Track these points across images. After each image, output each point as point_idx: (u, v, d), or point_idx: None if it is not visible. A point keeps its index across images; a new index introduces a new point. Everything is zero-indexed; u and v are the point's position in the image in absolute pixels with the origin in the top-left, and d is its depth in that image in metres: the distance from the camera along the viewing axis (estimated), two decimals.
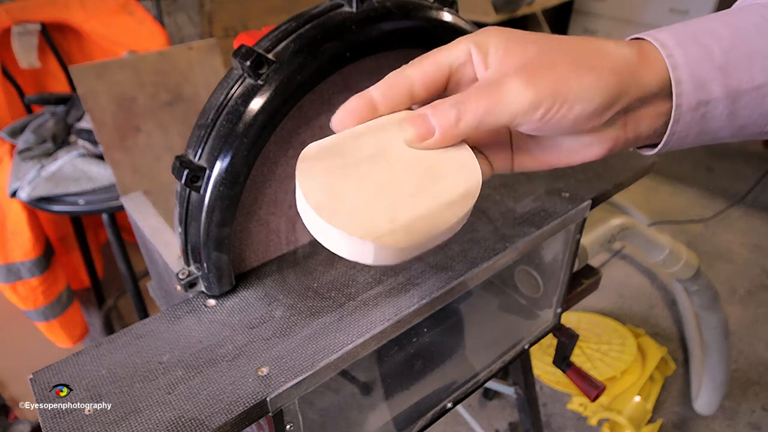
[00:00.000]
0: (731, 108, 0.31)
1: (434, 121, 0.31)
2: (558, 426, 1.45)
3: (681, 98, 0.30)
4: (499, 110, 0.29)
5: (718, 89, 0.30)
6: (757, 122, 0.31)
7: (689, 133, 0.32)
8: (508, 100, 0.29)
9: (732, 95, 0.30)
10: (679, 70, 0.30)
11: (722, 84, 0.30)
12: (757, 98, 0.30)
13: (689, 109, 0.30)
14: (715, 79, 0.30)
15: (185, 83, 0.80)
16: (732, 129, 0.32)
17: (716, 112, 0.31)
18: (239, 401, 0.39)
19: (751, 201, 2.24)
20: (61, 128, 1.12)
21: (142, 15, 1.30)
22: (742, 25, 0.31)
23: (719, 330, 1.28)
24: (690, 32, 0.31)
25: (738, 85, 0.30)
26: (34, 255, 1.14)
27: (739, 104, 0.31)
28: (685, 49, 0.30)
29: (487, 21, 2.16)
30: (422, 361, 0.66)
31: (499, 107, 0.29)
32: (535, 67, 0.29)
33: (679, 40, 0.30)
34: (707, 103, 0.30)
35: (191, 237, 0.46)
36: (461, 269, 0.51)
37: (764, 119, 0.31)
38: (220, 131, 0.43)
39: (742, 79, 0.30)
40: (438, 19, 0.48)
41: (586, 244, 0.77)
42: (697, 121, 0.31)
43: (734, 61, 0.30)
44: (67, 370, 0.41)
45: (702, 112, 0.31)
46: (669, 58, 0.30)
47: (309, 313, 0.47)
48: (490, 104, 0.29)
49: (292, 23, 0.44)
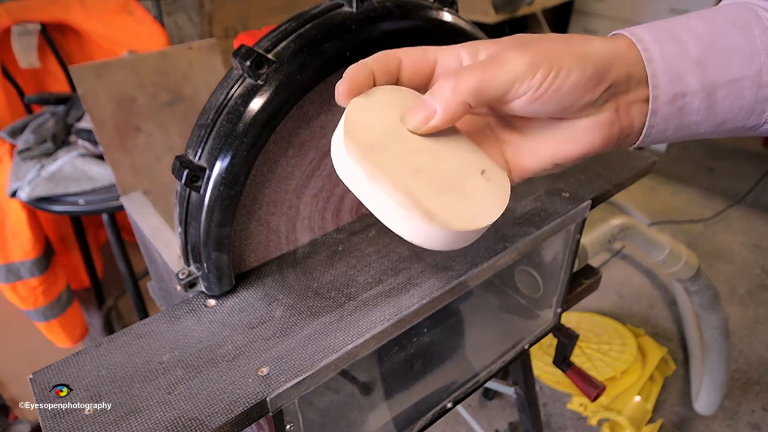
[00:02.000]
0: (709, 101, 0.31)
1: (432, 101, 0.31)
2: (558, 426, 1.45)
3: (657, 90, 0.31)
4: (498, 74, 0.30)
5: (695, 82, 0.31)
6: (736, 117, 0.32)
7: (668, 126, 0.32)
8: (507, 66, 0.29)
9: (709, 88, 0.31)
10: (654, 63, 0.31)
11: (698, 77, 0.31)
12: (735, 92, 0.31)
13: (666, 102, 0.31)
14: (692, 73, 0.31)
15: (185, 83, 0.80)
16: (711, 123, 0.32)
17: (694, 105, 0.31)
18: (239, 401, 0.39)
19: (751, 201, 2.24)
20: (61, 128, 1.12)
21: (141, 15, 1.30)
22: (720, 21, 0.32)
23: (719, 330, 1.28)
24: (667, 28, 0.32)
25: (714, 78, 0.31)
26: (34, 255, 1.14)
27: (717, 98, 0.31)
28: (661, 44, 0.31)
29: (487, 21, 2.16)
30: (422, 361, 0.66)
31: (498, 71, 0.30)
32: (529, 43, 0.31)
33: (656, 36, 0.31)
34: (684, 96, 0.31)
35: (191, 237, 0.46)
36: (461, 269, 0.51)
37: (743, 114, 0.32)
38: (220, 131, 0.43)
39: (718, 73, 0.31)
40: (438, 19, 0.48)
41: (586, 244, 0.77)
42: (675, 113, 0.32)
43: (711, 56, 0.31)
44: (67, 370, 0.41)
45: (680, 105, 0.31)
46: (645, 51, 0.31)
47: (309, 313, 0.47)
48: (488, 70, 0.30)
49: (292, 23, 0.44)
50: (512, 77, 0.29)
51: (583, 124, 0.32)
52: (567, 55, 0.30)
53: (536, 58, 0.29)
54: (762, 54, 0.31)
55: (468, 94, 0.30)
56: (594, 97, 0.31)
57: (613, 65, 0.31)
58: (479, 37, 0.52)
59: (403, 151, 0.32)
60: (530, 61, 0.29)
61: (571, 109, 0.31)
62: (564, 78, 0.30)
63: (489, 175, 0.33)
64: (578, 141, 0.33)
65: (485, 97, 0.30)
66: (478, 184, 0.33)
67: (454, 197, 0.31)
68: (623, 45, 0.32)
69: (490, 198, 0.33)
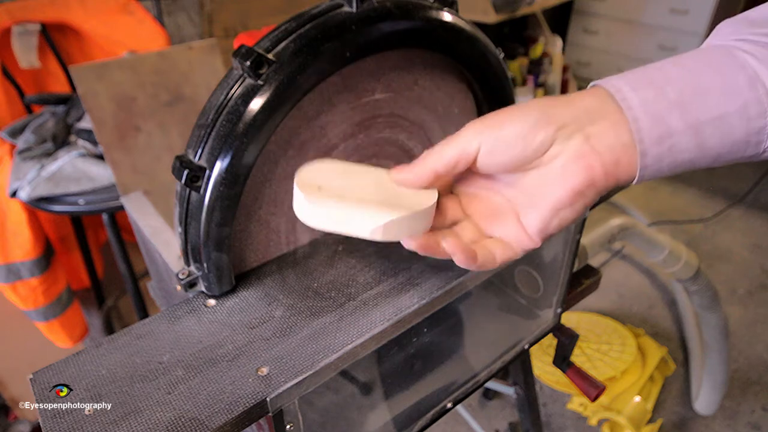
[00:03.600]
0: (697, 139, 0.33)
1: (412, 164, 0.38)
2: (558, 426, 1.45)
3: (641, 133, 0.33)
4: (450, 145, 0.36)
5: (678, 123, 0.32)
6: (731, 150, 0.33)
7: (662, 165, 0.34)
8: (456, 138, 0.36)
9: (694, 127, 0.32)
10: (634, 109, 0.33)
11: (681, 118, 0.32)
12: (723, 127, 0.32)
13: (653, 143, 0.33)
14: (673, 114, 0.32)
15: (185, 83, 0.80)
16: (707, 158, 0.34)
17: (683, 145, 0.33)
18: (239, 401, 0.39)
19: (751, 201, 2.24)
20: (61, 128, 1.12)
21: (142, 15, 1.30)
22: (694, 65, 0.33)
23: (719, 330, 1.28)
24: (642, 77, 0.34)
25: (697, 117, 0.32)
26: (34, 255, 1.14)
27: (705, 135, 0.33)
28: (639, 91, 0.33)
29: (487, 21, 2.16)
30: (422, 361, 0.66)
31: (451, 143, 0.36)
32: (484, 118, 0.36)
33: (633, 85, 0.33)
34: (671, 136, 0.33)
35: (191, 237, 0.46)
36: (461, 269, 0.51)
37: (738, 147, 0.33)
38: (220, 131, 0.43)
39: (700, 112, 0.32)
40: (438, 19, 0.48)
41: (586, 244, 0.77)
42: (665, 153, 0.33)
43: (688, 97, 0.32)
44: (67, 370, 0.41)
45: (668, 145, 0.33)
46: (623, 101, 0.33)
47: (309, 313, 0.47)
48: (444, 144, 0.36)
49: (292, 23, 0.44)
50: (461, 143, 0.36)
51: (559, 161, 0.34)
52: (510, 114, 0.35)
53: (484, 124, 0.35)
54: (744, 90, 0.32)
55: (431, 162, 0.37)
56: (547, 136, 0.34)
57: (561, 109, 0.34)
58: (479, 37, 0.52)
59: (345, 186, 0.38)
60: (478, 127, 0.35)
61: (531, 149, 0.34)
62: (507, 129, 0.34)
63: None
64: (561, 180, 0.35)
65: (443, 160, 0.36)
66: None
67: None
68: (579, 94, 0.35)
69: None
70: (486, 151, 0.35)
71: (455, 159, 0.36)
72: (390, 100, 0.54)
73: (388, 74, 0.53)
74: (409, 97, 0.55)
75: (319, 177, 0.38)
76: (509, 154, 0.35)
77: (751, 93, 0.32)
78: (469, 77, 0.56)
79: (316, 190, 0.37)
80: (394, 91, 0.54)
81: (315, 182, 0.37)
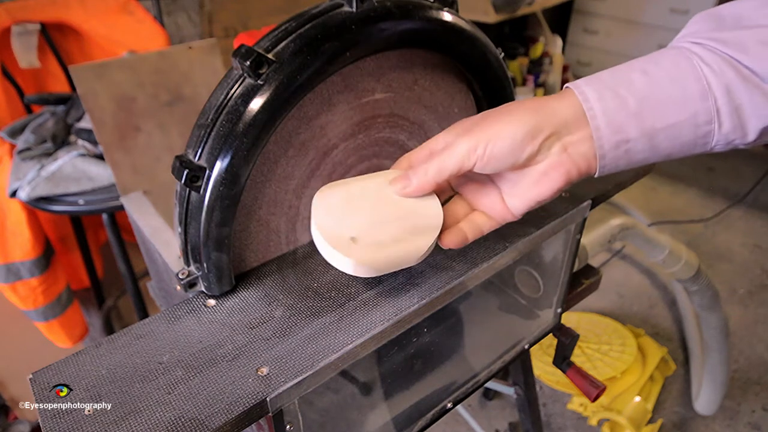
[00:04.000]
0: (650, 144, 0.38)
1: (412, 176, 0.43)
2: (558, 426, 1.45)
3: (601, 140, 0.38)
4: (450, 160, 0.40)
5: (634, 131, 0.37)
6: (681, 151, 0.38)
7: (618, 164, 0.39)
8: (454, 152, 0.40)
9: (648, 134, 0.37)
10: (597, 119, 0.37)
11: (637, 127, 0.37)
12: (674, 133, 0.37)
13: (611, 148, 0.38)
14: (631, 124, 0.37)
15: (185, 83, 0.80)
16: (659, 157, 0.39)
17: (638, 148, 0.38)
18: (239, 401, 0.39)
19: (751, 201, 2.24)
20: (61, 128, 1.12)
21: (142, 15, 1.30)
22: (657, 75, 0.37)
23: (719, 330, 1.28)
24: (610, 84, 0.38)
25: (652, 125, 0.37)
26: (33, 255, 1.14)
27: (657, 140, 0.37)
28: (603, 101, 0.37)
29: (487, 21, 2.16)
30: (422, 361, 0.66)
31: (450, 158, 0.40)
32: (473, 128, 0.40)
33: (599, 94, 0.37)
34: (627, 142, 0.38)
35: (191, 237, 0.46)
36: (461, 269, 0.51)
37: (687, 148, 0.38)
38: (220, 131, 0.43)
39: (655, 120, 0.37)
40: (438, 19, 0.48)
41: (586, 244, 0.77)
42: (621, 155, 0.38)
43: (647, 107, 0.37)
44: (67, 370, 0.41)
45: (624, 149, 0.38)
46: (589, 111, 0.37)
47: (309, 313, 0.47)
48: (444, 158, 0.41)
49: (292, 23, 0.44)
50: (460, 158, 0.40)
51: (540, 168, 0.40)
52: (500, 129, 0.39)
53: (473, 142, 0.39)
54: (696, 100, 0.36)
55: (433, 175, 0.42)
56: (534, 148, 0.39)
57: (547, 121, 0.38)
58: (479, 37, 0.52)
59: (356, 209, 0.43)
60: (470, 144, 0.39)
61: (521, 160, 0.39)
62: (500, 147, 0.39)
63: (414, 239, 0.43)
64: (541, 182, 0.40)
65: (444, 174, 0.41)
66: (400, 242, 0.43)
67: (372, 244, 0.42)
68: (559, 101, 0.39)
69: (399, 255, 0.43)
70: (482, 164, 0.40)
71: (454, 172, 0.41)
72: (390, 100, 0.54)
73: (388, 74, 0.52)
74: (409, 97, 0.55)
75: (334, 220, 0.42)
76: (501, 166, 0.40)
77: (702, 103, 0.36)
78: (469, 77, 0.56)
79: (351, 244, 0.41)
80: (394, 91, 0.54)
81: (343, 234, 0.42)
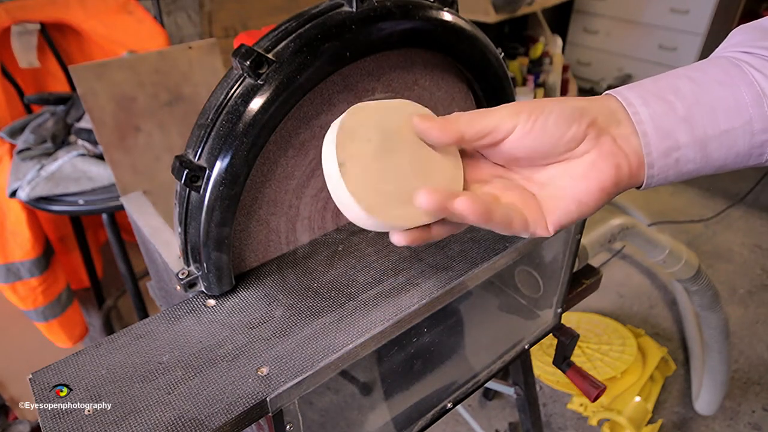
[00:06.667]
0: (703, 152, 0.35)
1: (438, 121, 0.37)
2: (558, 426, 1.45)
3: (650, 147, 0.35)
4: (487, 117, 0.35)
5: (685, 137, 0.34)
6: (735, 161, 0.35)
7: (668, 175, 0.36)
8: (493, 112, 0.35)
9: (700, 141, 0.34)
10: (644, 124, 0.34)
11: (687, 133, 0.34)
12: (727, 142, 0.34)
13: (660, 156, 0.35)
14: (681, 129, 0.34)
15: (185, 83, 0.80)
16: (711, 168, 0.36)
17: (689, 157, 0.35)
18: (239, 401, 0.39)
19: (751, 201, 2.24)
20: (60, 128, 1.12)
21: (141, 15, 1.30)
22: (705, 80, 0.35)
23: (719, 330, 1.28)
24: (654, 90, 0.35)
25: (704, 132, 0.34)
26: (33, 255, 1.14)
27: (710, 149, 0.34)
28: (649, 106, 0.34)
29: (487, 21, 2.16)
30: (422, 361, 0.66)
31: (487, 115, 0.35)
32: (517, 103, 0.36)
33: (645, 99, 0.35)
34: (677, 149, 0.35)
35: (191, 237, 0.46)
36: (461, 269, 0.51)
37: (741, 158, 0.35)
38: (220, 131, 0.43)
39: (707, 127, 0.34)
40: (438, 19, 0.48)
41: (586, 244, 0.77)
42: (671, 165, 0.35)
43: (697, 113, 0.34)
44: (66, 370, 0.41)
45: (675, 158, 0.35)
46: (635, 115, 0.35)
47: (309, 313, 0.47)
48: (481, 113, 0.36)
49: (292, 23, 0.44)
50: (498, 118, 0.35)
51: (589, 158, 0.36)
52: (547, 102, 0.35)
53: (520, 106, 0.35)
54: (750, 107, 0.33)
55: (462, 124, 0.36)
56: (581, 129, 0.35)
57: (594, 106, 0.35)
58: (479, 37, 0.52)
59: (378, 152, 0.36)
60: (513, 109, 0.35)
61: (563, 140, 0.35)
62: (546, 116, 0.35)
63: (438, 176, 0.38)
64: (591, 174, 0.35)
65: (475, 127, 0.35)
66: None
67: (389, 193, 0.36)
68: (605, 97, 0.36)
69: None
70: (522, 133, 0.35)
71: (486, 131, 0.35)
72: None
73: (388, 74, 0.52)
74: (409, 96, 0.55)
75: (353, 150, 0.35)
76: (544, 141, 0.35)
77: (757, 109, 0.33)
78: (469, 77, 0.56)
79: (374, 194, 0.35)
80: (394, 91, 0.54)
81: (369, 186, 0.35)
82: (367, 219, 0.35)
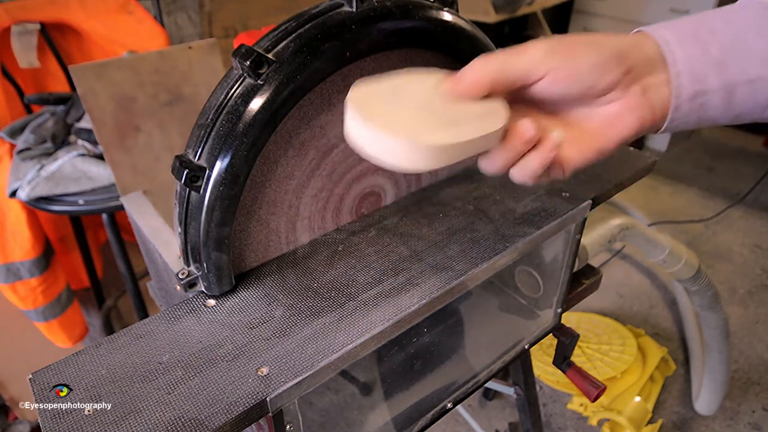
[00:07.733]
0: (728, 99, 0.34)
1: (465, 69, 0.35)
2: (558, 426, 1.45)
3: (680, 89, 0.34)
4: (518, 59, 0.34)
5: (715, 81, 0.34)
6: (752, 110, 0.35)
7: (689, 119, 0.36)
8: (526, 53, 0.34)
9: (728, 87, 0.34)
10: (678, 65, 0.34)
11: (718, 77, 0.34)
12: (752, 90, 0.34)
13: (687, 99, 0.34)
14: (712, 73, 0.34)
15: (185, 83, 0.80)
16: (729, 117, 0.36)
17: (713, 102, 0.35)
18: (239, 401, 0.39)
19: (751, 201, 2.24)
20: (60, 128, 1.12)
21: (141, 15, 1.30)
22: (741, 25, 0.34)
23: (719, 330, 1.28)
24: (691, 29, 0.35)
25: (733, 78, 0.34)
26: (33, 255, 1.14)
27: (735, 95, 0.34)
28: (684, 47, 0.34)
29: (487, 21, 2.16)
30: (422, 361, 0.66)
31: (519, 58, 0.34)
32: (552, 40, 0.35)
33: (680, 38, 0.34)
34: (705, 94, 0.34)
35: (191, 237, 0.46)
36: (461, 269, 0.51)
37: (759, 108, 0.35)
38: (219, 131, 0.43)
39: (736, 73, 0.34)
40: (438, 19, 0.48)
41: (586, 244, 0.77)
42: (696, 109, 0.35)
43: (731, 58, 0.34)
44: (66, 370, 0.41)
45: (700, 102, 0.34)
46: (670, 54, 0.34)
47: (309, 313, 0.47)
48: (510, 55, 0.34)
49: (292, 23, 0.44)
50: (531, 61, 0.34)
51: (615, 108, 0.35)
52: (583, 45, 0.34)
53: (554, 47, 0.34)
54: None
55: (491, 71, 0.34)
56: (616, 77, 0.34)
57: (632, 51, 0.34)
58: (479, 37, 0.52)
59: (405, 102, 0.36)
60: (548, 48, 0.34)
61: (596, 88, 0.34)
62: (582, 60, 0.33)
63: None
64: (614, 125, 0.35)
65: (506, 74, 0.34)
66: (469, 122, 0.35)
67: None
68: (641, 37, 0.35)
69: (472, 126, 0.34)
70: (554, 78, 0.34)
71: (517, 77, 0.34)
72: None
73: None
74: None
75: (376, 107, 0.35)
76: (577, 87, 0.34)
77: None
78: None
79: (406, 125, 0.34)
80: None
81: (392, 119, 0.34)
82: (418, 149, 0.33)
